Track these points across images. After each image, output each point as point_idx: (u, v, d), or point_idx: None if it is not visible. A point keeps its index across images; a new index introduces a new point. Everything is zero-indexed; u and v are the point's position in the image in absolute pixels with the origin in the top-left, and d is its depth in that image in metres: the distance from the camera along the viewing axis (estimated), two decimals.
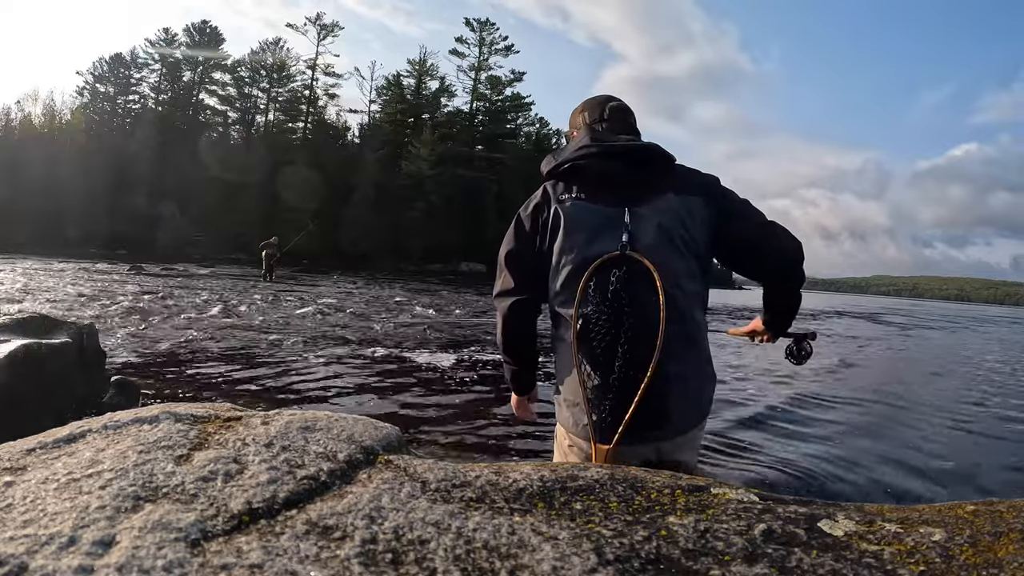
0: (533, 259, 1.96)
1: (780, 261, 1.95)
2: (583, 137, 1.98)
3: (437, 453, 4.63)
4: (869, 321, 31.56)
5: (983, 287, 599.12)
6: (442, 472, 1.22)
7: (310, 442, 1.30)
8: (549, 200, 1.94)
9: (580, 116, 2.13)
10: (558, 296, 1.91)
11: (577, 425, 1.87)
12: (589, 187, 1.91)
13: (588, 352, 1.82)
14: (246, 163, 55.48)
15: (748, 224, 1.92)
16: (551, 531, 1.00)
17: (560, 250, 1.88)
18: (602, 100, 2.13)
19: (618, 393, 1.77)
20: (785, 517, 1.10)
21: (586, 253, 1.83)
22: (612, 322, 1.78)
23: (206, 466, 1.14)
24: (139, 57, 63.76)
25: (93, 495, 1.00)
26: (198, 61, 64.70)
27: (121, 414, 1.42)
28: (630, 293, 1.79)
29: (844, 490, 4.56)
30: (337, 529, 0.95)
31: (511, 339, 2.07)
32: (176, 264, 31.85)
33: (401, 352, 9.28)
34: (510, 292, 2.00)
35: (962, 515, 1.15)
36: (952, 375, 11.83)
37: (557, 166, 1.97)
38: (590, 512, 1.10)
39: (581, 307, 1.82)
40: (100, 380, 5.31)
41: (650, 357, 1.74)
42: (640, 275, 1.79)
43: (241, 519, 0.96)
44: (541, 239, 1.94)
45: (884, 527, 1.08)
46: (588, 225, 1.86)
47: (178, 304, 13.46)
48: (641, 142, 1.95)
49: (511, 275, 2.00)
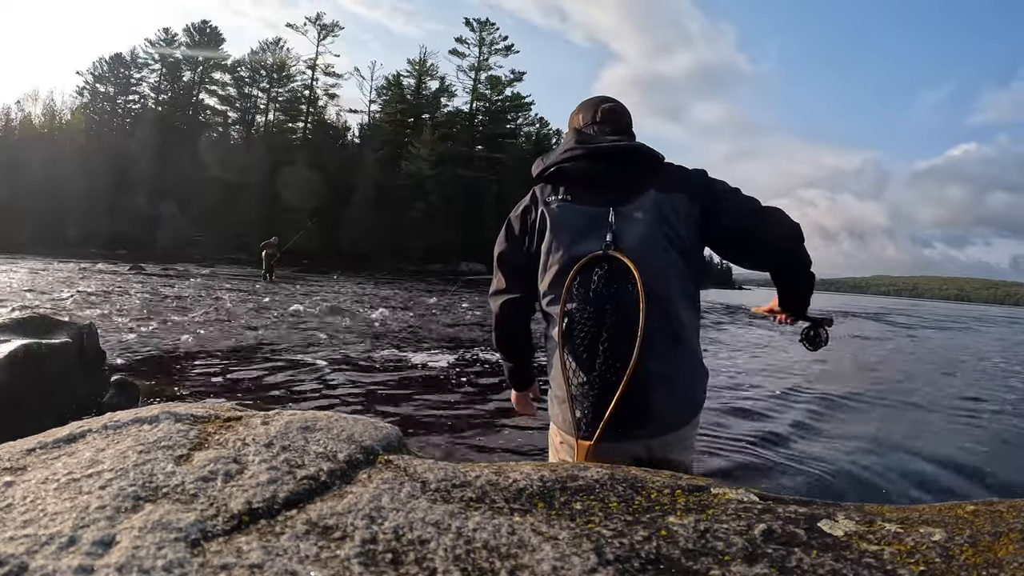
0: (522, 260, 2.01)
1: (776, 247, 1.95)
2: (569, 140, 2.03)
3: (437, 453, 4.63)
4: (874, 321, 31.59)
5: (983, 287, 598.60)
6: (442, 472, 1.23)
7: (310, 442, 1.30)
8: (536, 202, 1.99)
9: (576, 118, 2.16)
10: (546, 295, 1.95)
11: (565, 422, 1.89)
12: (575, 188, 1.95)
13: (572, 350, 1.86)
14: (246, 163, 55.51)
15: (737, 214, 1.91)
16: (551, 531, 1.00)
17: (547, 251, 1.92)
18: (596, 102, 2.15)
19: (600, 390, 1.80)
20: (785, 517, 1.10)
21: (571, 253, 1.87)
22: (594, 320, 1.82)
23: (206, 466, 1.14)
24: (139, 57, 63.97)
25: (93, 495, 1.00)
26: (198, 61, 64.77)
27: (121, 414, 1.42)
28: (612, 292, 1.81)
29: (844, 490, 4.56)
30: (337, 529, 0.95)
31: (504, 337, 2.16)
32: (176, 264, 31.91)
33: (401, 351, 9.28)
34: (502, 291, 2.08)
35: (962, 515, 1.15)
36: (958, 374, 11.80)
37: (544, 169, 2.01)
38: (590, 512, 1.10)
39: (566, 306, 1.86)
40: (100, 380, 5.31)
41: (630, 355, 1.76)
42: (622, 274, 1.81)
43: (241, 519, 0.96)
44: (529, 240, 1.99)
45: (884, 527, 1.08)
46: (573, 226, 1.90)
47: (178, 304, 13.46)
48: (625, 143, 1.96)
49: (503, 275, 2.08)
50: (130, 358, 7.37)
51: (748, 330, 17.93)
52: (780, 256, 1.98)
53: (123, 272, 23.51)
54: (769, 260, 2.00)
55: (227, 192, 54.21)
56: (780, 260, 2.00)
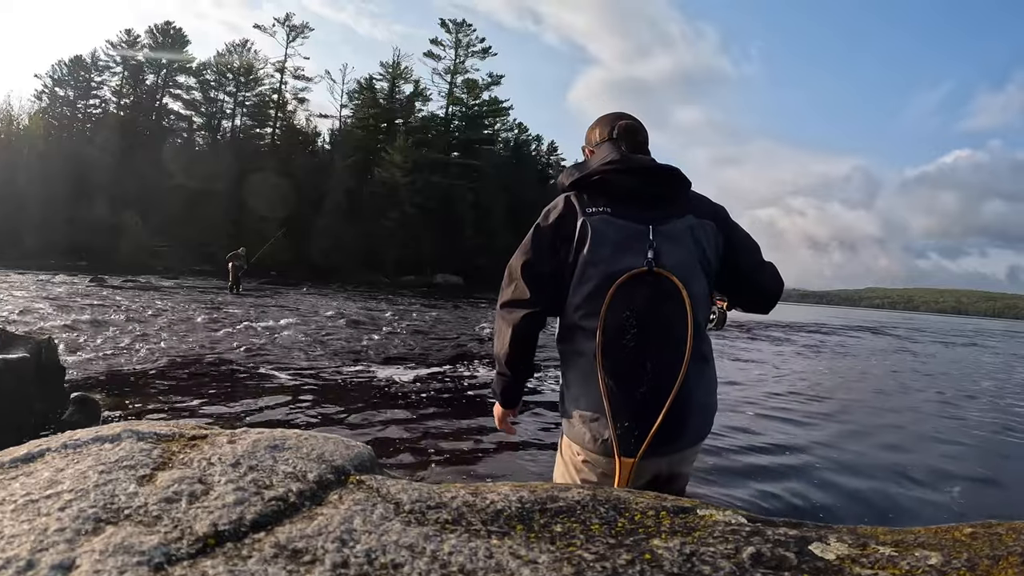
0: (551, 270, 2.01)
1: (768, 297, 2.21)
2: (610, 152, 2.08)
3: (411, 473, 4.62)
4: (876, 335, 31.96)
5: (981, 299, 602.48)
6: (416, 493, 1.22)
7: (279, 461, 1.29)
8: (575, 212, 1.99)
9: (594, 133, 2.24)
10: (579, 309, 1.96)
11: (595, 440, 1.91)
12: (615, 202, 1.98)
13: (612, 366, 1.88)
14: (212, 170, 54.99)
15: (752, 260, 2.13)
16: (530, 554, 1.00)
17: (585, 263, 1.94)
18: (613, 118, 2.23)
19: (644, 407, 1.85)
20: (775, 540, 1.11)
21: (612, 267, 1.90)
22: (638, 336, 1.87)
23: (170, 487, 1.13)
24: (100, 59, 63.00)
25: (52, 517, 0.99)
26: (162, 64, 64.04)
27: (81, 432, 1.41)
28: (656, 309, 1.89)
29: (837, 511, 4.56)
30: (307, 552, 0.95)
31: (518, 351, 2.08)
32: (139, 276, 31.49)
33: (373, 368, 9.24)
34: (524, 303, 2.02)
35: (959, 538, 1.16)
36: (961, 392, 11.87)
37: (585, 176, 2.02)
38: (571, 534, 1.10)
39: (606, 320, 1.88)
40: (59, 396, 5.25)
41: (675, 372, 1.85)
42: (666, 292, 1.90)
43: (207, 542, 0.96)
44: (565, 251, 1.99)
45: (878, 550, 1.08)
46: (614, 240, 1.93)
47: (141, 318, 13.31)
48: (666, 165, 2.05)
49: (527, 286, 2.01)
50: (91, 374, 7.29)
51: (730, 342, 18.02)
52: (766, 304, 2.23)
53: (84, 284, 23.22)
54: (758, 305, 2.25)
55: (192, 200, 53.69)
56: (764, 306, 2.24)
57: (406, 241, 56.01)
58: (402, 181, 57.64)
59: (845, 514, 4.48)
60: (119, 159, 55.25)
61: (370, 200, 57.12)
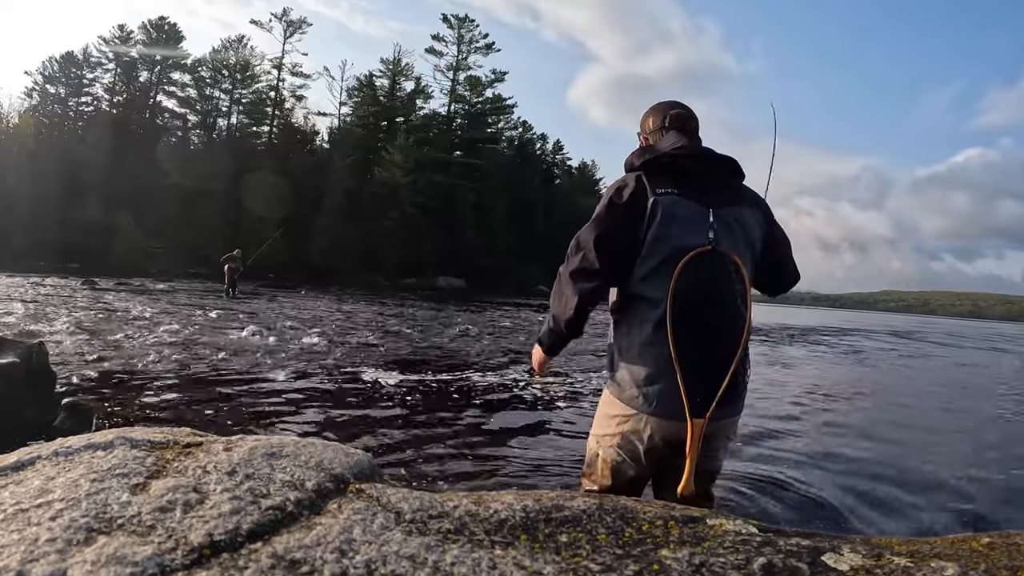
0: (625, 241, 2.20)
1: (785, 286, 2.53)
2: (677, 138, 2.35)
3: (412, 481, 4.61)
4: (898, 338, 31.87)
5: (999, 303, 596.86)
6: (417, 502, 1.22)
7: (276, 469, 1.29)
8: (645, 190, 2.20)
9: (648, 120, 2.52)
10: (645, 281, 2.19)
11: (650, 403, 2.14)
12: (680, 184, 2.21)
13: (681, 334, 2.09)
14: (207, 169, 55.14)
15: (784, 252, 2.46)
16: (535, 565, 1.00)
17: (654, 238, 2.16)
18: (665, 107, 2.50)
19: (712, 373, 2.09)
20: (786, 550, 1.10)
21: (679, 244, 2.13)
22: (703, 308, 2.12)
23: (164, 495, 1.13)
24: (92, 56, 63.28)
25: (43, 527, 0.99)
26: (155, 60, 64.32)
27: (73, 439, 1.41)
28: (718, 284, 2.15)
29: (851, 521, 4.51)
30: (305, 563, 0.95)
31: (579, 316, 2.27)
32: (132, 279, 31.54)
33: (373, 374, 9.22)
34: (595, 274, 2.21)
35: (976, 548, 1.15)
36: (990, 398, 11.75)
37: (658, 158, 2.26)
38: (577, 545, 1.10)
39: (675, 292, 2.10)
40: (50, 402, 5.25)
41: (736, 343, 2.13)
42: (727, 269, 2.16)
43: (202, 552, 0.96)
44: (636, 226, 2.18)
45: (893, 561, 1.08)
46: (681, 219, 2.16)
47: (134, 322, 13.32)
48: (726, 155, 2.35)
49: (599, 257, 2.19)
50: (83, 379, 7.28)
51: None
52: (776, 291, 2.53)
53: (75, 287, 23.26)
54: (774, 292, 2.54)
55: (187, 201, 53.79)
56: (773, 292, 2.54)
57: (406, 242, 56.01)
58: (403, 181, 57.68)
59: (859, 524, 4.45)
60: (112, 158, 55.37)
61: (370, 200, 57.16)
